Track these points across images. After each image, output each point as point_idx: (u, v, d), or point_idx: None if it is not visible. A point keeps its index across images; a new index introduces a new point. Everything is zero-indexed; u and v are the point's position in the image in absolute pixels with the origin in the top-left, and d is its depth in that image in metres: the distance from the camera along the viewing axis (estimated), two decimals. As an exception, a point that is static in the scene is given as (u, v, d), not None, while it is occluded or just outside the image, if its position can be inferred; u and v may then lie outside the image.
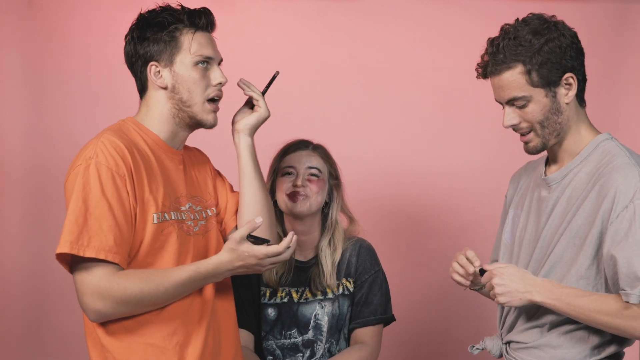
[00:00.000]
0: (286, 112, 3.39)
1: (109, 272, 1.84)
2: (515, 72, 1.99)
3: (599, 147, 2.03)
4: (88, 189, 1.85)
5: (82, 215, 1.83)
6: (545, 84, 1.99)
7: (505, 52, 1.99)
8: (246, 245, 1.92)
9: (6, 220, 3.42)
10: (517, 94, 2.00)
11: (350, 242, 2.52)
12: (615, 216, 1.90)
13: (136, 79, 2.05)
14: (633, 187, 1.90)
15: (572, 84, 2.02)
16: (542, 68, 1.98)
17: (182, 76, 1.99)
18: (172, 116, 2.02)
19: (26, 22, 3.39)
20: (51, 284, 3.41)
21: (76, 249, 1.81)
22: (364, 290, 2.48)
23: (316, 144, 2.52)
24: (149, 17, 2.01)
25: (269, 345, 2.46)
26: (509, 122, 2.04)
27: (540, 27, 2.00)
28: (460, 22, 3.45)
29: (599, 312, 1.91)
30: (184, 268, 1.92)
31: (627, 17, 3.42)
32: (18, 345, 3.44)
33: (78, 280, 1.85)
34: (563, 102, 2.02)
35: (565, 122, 2.03)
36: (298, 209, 2.41)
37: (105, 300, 1.83)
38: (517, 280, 1.97)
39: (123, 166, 1.88)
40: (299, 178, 2.42)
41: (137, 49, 2.00)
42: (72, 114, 3.42)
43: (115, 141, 1.90)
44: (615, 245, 1.89)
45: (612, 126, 2.07)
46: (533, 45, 1.98)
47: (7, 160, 3.43)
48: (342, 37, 3.45)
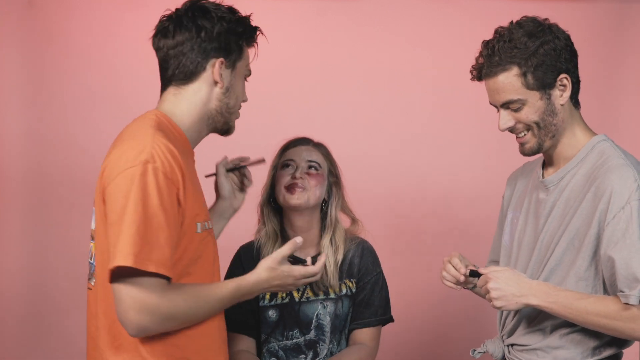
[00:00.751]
0: (286, 112, 3.40)
1: (160, 287, 1.72)
2: (511, 74, 1.99)
3: (595, 149, 2.02)
4: (147, 197, 1.71)
5: (142, 225, 1.69)
6: (541, 86, 1.99)
7: (500, 54, 1.99)
8: (286, 266, 1.93)
9: (6, 220, 3.43)
10: (512, 96, 2.00)
11: (353, 243, 2.51)
12: (611, 217, 1.90)
13: (181, 61, 1.89)
14: (629, 188, 1.89)
15: (567, 85, 2.01)
16: (537, 70, 1.98)
17: (236, 83, 1.95)
18: (209, 116, 1.92)
19: (26, 22, 3.40)
20: (51, 284, 3.42)
21: (139, 263, 1.68)
22: (366, 292, 2.48)
23: (317, 142, 2.53)
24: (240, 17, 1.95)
25: (272, 347, 2.45)
26: (505, 125, 2.04)
27: (535, 30, 2.00)
28: (460, 22, 3.45)
29: (597, 314, 1.91)
30: (226, 285, 1.87)
31: (627, 17, 3.42)
32: (18, 346, 3.44)
33: (125, 294, 1.70)
34: (558, 104, 2.02)
35: (560, 123, 2.03)
36: (295, 200, 2.40)
37: (153, 316, 1.72)
38: (512, 284, 1.96)
39: (177, 173, 1.77)
40: (298, 170, 2.42)
41: (220, 37, 1.89)
42: (71, 113, 3.42)
43: (169, 145, 1.78)
44: (613, 246, 1.89)
45: (612, 126, 2.07)
46: (528, 47, 1.98)
47: (7, 160, 3.43)
48: (342, 37, 3.45)
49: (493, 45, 2.01)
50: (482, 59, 2.04)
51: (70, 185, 3.39)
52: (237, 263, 2.50)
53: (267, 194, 2.49)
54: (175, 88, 1.91)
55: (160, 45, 1.91)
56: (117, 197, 1.72)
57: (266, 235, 2.47)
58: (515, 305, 1.96)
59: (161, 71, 1.93)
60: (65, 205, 3.41)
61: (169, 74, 1.90)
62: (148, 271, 1.69)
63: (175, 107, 1.90)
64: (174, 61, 1.89)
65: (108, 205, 1.75)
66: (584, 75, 2.10)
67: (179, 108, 1.90)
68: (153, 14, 3.60)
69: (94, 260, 1.88)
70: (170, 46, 1.89)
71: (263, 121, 3.18)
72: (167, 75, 1.91)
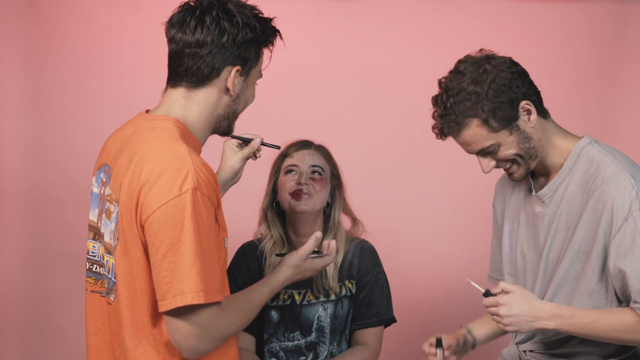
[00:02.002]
0: (286, 112, 3.39)
1: (216, 311, 1.70)
2: (473, 126, 1.96)
3: (582, 156, 2.00)
4: (200, 226, 1.66)
5: (201, 257, 1.66)
6: (506, 124, 1.96)
7: (455, 112, 1.96)
8: (309, 261, 1.98)
9: (6, 220, 3.42)
10: (483, 145, 1.98)
11: (353, 243, 2.51)
12: (617, 230, 1.88)
13: (196, 63, 1.80)
14: (628, 197, 1.88)
15: (530, 108, 1.98)
16: (496, 112, 1.94)
17: (248, 89, 1.89)
18: (216, 120, 1.86)
19: (26, 22, 3.39)
20: (51, 284, 3.42)
21: (208, 297, 1.66)
22: (366, 292, 2.47)
23: (318, 144, 2.53)
24: (264, 22, 1.85)
25: (273, 347, 2.46)
26: (488, 168, 2.02)
27: (477, 74, 1.96)
28: (460, 22, 3.45)
29: (616, 330, 1.90)
30: (261, 290, 1.89)
31: (627, 17, 3.42)
32: (18, 346, 3.44)
33: (185, 324, 1.68)
34: (528, 129, 1.99)
35: (538, 144, 2.01)
36: (302, 207, 2.40)
37: (212, 340, 1.72)
38: (526, 309, 1.92)
39: (215, 196, 1.72)
40: (302, 176, 2.42)
41: (242, 45, 1.80)
42: (71, 113, 3.42)
43: (205, 163, 1.73)
44: (622, 258, 1.88)
45: (612, 126, 2.06)
46: (479, 94, 1.94)
47: (7, 160, 3.43)
48: (342, 37, 3.45)
49: (444, 103, 1.98)
50: (439, 120, 2.01)
51: (70, 185, 3.39)
52: (240, 258, 2.50)
53: (269, 198, 2.49)
54: (186, 90, 1.83)
55: (176, 38, 1.81)
56: (167, 227, 1.66)
57: (272, 240, 2.47)
58: (529, 329, 1.94)
59: (171, 64, 1.85)
60: (65, 205, 3.40)
61: (180, 71, 1.82)
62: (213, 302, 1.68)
63: (187, 113, 1.83)
64: (189, 61, 1.80)
65: (154, 233, 1.67)
66: (584, 75, 2.10)
67: (191, 114, 1.83)
68: (153, 14, 3.60)
69: (112, 274, 1.82)
70: (186, 43, 1.79)
71: (262, 121, 3.17)
72: (177, 70, 1.82)
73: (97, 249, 1.91)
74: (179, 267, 1.65)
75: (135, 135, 1.82)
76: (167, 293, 1.67)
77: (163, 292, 1.67)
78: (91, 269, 1.93)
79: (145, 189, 1.69)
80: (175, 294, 1.66)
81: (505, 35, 3.42)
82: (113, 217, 1.80)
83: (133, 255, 1.74)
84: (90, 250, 1.94)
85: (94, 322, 1.92)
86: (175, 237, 1.65)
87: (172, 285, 1.66)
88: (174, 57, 1.83)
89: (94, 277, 1.93)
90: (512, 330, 1.96)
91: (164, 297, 1.67)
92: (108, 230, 1.83)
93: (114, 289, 1.83)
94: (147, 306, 1.75)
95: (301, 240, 2.47)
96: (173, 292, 1.66)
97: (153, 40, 3.41)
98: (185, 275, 1.65)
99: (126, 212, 1.73)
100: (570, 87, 3.37)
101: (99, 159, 1.94)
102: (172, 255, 1.66)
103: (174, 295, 1.66)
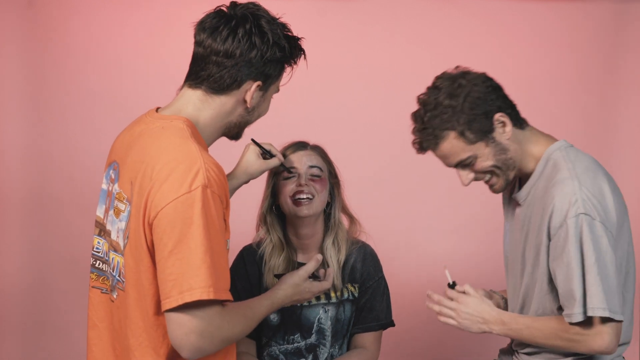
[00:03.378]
0: (286, 112, 3.37)
1: (220, 310, 1.71)
2: (450, 139, 2.01)
3: (550, 160, 2.04)
4: (210, 224, 1.67)
5: (211, 254, 1.66)
6: (482, 136, 2.01)
7: (432, 125, 2.01)
8: (308, 282, 2.02)
9: (6, 220, 3.42)
10: (461, 157, 2.03)
11: (355, 246, 2.51)
12: (554, 233, 1.94)
13: (220, 72, 1.80)
14: (567, 203, 1.92)
15: (505, 120, 2.02)
16: (472, 124, 1.99)
17: (264, 103, 1.91)
18: (227, 127, 1.88)
19: (26, 22, 3.39)
20: (51, 284, 3.41)
21: (217, 294, 1.66)
22: (368, 296, 2.47)
23: (313, 144, 2.52)
24: (292, 42, 1.87)
25: (272, 350, 2.45)
26: (467, 181, 2.08)
27: (452, 89, 2.01)
28: (460, 22, 3.45)
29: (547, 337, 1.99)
30: (262, 303, 1.91)
31: (627, 17, 3.42)
32: (18, 346, 3.44)
33: (188, 319, 1.67)
34: (504, 140, 2.03)
35: (514, 154, 2.05)
36: (304, 212, 2.39)
37: (213, 339, 1.70)
38: (479, 310, 2.06)
39: (225, 196, 1.74)
40: (302, 177, 2.41)
41: (268, 64, 1.82)
42: (71, 113, 3.42)
43: (218, 165, 1.74)
44: (553, 261, 1.95)
45: (612, 126, 2.06)
46: (455, 108, 1.99)
47: (7, 160, 3.43)
48: (342, 37, 3.45)
49: (422, 117, 2.04)
50: (417, 134, 2.07)
51: (71, 185, 3.39)
52: (240, 264, 2.50)
53: (268, 202, 2.48)
54: (204, 94, 1.83)
55: (205, 43, 1.81)
56: (175, 223, 1.66)
57: (271, 244, 2.47)
58: (478, 330, 2.06)
59: (194, 65, 1.84)
60: (65, 204, 3.40)
61: (202, 75, 1.82)
62: (220, 299, 1.68)
63: (199, 114, 1.83)
64: (213, 68, 1.80)
65: (162, 230, 1.67)
66: (584, 75, 2.10)
67: (203, 116, 1.84)
68: (153, 14, 3.62)
69: (117, 272, 1.82)
70: (214, 51, 1.79)
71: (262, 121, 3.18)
72: (200, 74, 1.82)
73: (102, 245, 1.91)
74: (188, 264, 1.65)
75: (145, 133, 1.82)
76: (172, 290, 1.66)
77: (168, 290, 1.67)
78: (94, 265, 1.93)
79: (155, 187, 1.70)
80: (182, 291, 1.65)
81: (505, 35, 3.42)
82: (123, 215, 1.80)
83: (138, 256, 1.74)
84: (95, 246, 1.94)
85: (92, 317, 1.92)
86: (183, 234, 1.65)
87: (179, 282, 1.66)
88: (198, 60, 1.83)
89: (96, 273, 1.93)
90: (463, 326, 2.07)
91: (169, 294, 1.67)
92: (116, 228, 1.83)
93: (118, 287, 1.82)
94: (151, 307, 1.75)
95: (302, 242, 2.47)
96: (179, 288, 1.65)
97: (153, 40, 3.44)
98: (195, 271, 1.65)
99: (135, 212, 1.74)
100: (570, 87, 3.37)
101: (109, 156, 1.94)
102: (179, 252, 1.66)
103: (181, 292, 1.65)
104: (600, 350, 1.93)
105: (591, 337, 1.91)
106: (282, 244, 2.46)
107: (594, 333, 1.91)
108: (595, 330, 1.91)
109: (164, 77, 3.31)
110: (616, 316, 1.89)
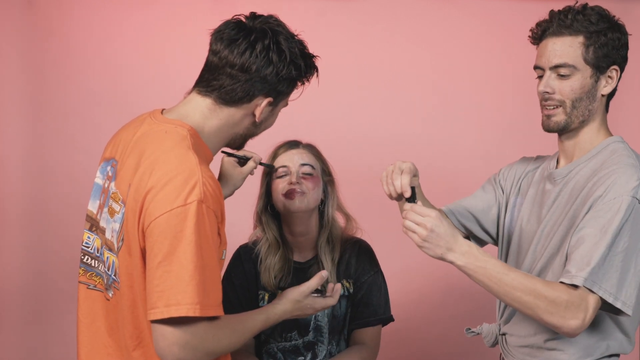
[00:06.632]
0: (285, 112, 3.38)
1: (206, 325, 1.69)
2: (576, 40, 2.01)
3: (608, 148, 2.04)
4: (202, 239, 1.65)
5: (201, 270, 1.64)
6: (595, 66, 2.02)
7: (573, 20, 2.02)
8: (310, 299, 1.99)
9: (6, 219, 3.43)
10: (568, 60, 2.01)
11: (349, 243, 2.51)
12: (602, 202, 1.88)
13: (233, 85, 1.79)
14: (628, 184, 1.89)
15: (614, 78, 2.05)
16: (599, 49, 2.01)
17: (272, 117, 1.91)
18: (232, 137, 1.87)
19: (26, 21, 3.40)
20: (51, 284, 3.42)
21: (204, 311, 1.65)
22: (364, 291, 2.47)
23: (306, 143, 2.52)
24: (308, 60, 1.86)
25: (270, 348, 2.46)
26: (545, 89, 2.04)
27: (607, 15, 2.05)
28: (460, 22, 3.46)
29: (522, 290, 1.84)
30: (257, 317, 1.88)
31: (627, 17, 3.41)
32: (18, 346, 3.44)
33: (170, 332, 1.66)
34: (599, 92, 2.04)
35: (593, 111, 2.05)
36: (297, 205, 2.39)
37: (196, 352, 1.68)
38: (449, 234, 1.88)
39: (219, 210, 1.72)
40: (294, 175, 2.42)
41: (282, 82, 1.82)
42: (71, 113, 3.42)
43: (215, 180, 1.72)
44: (590, 220, 1.88)
45: (612, 126, 2.06)
46: (599, 25, 2.01)
47: (7, 158, 3.43)
48: (342, 37, 3.45)
49: (567, 11, 2.04)
50: (551, 20, 2.06)
51: (70, 184, 3.39)
52: (237, 262, 2.50)
53: (263, 201, 2.49)
54: (213, 103, 1.81)
55: (221, 54, 1.78)
56: (166, 235, 1.65)
57: (267, 243, 2.47)
58: (437, 255, 1.89)
59: (206, 73, 1.82)
60: (64, 204, 3.40)
61: (214, 84, 1.80)
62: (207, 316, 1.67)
63: (205, 123, 1.82)
64: (227, 80, 1.79)
65: (154, 240, 1.67)
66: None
67: (209, 125, 1.82)
68: (153, 14, 3.61)
69: (112, 272, 1.81)
70: (230, 63, 1.78)
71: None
72: (211, 83, 1.80)
73: (92, 240, 1.90)
74: (177, 278, 1.64)
75: (146, 136, 1.81)
76: (157, 301, 1.66)
77: (154, 300, 1.66)
78: (82, 260, 1.92)
79: (151, 194, 1.68)
80: (169, 304, 1.64)
81: (505, 35, 3.42)
82: (118, 217, 1.79)
83: (132, 260, 1.74)
84: (85, 240, 1.93)
85: (78, 312, 1.91)
86: (174, 247, 1.65)
87: (166, 295, 1.65)
88: (212, 69, 1.81)
89: (83, 269, 1.92)
90: (424, 246, 1.90)
91: (155, 304, 1.66)
92: (110, 228, 1.82)
93: (113, 286, 1.82)
94: (145, 310, 1.74)
95: (297, 240, 2.47)
96: (166, 301, 1.65)
97: (153, 41, 3.44)
98: (183, 287, 1.64)
99: (131, 216, 1.73)
100: (570, 87, 3.38)
101: (107, 150, 1.92)
102: (168, 265, 1.65)
103: (167, 305, 1.65)
104: (570, 330, 1.83)
105: (572, 310, 1.81)
106: (278, 243, 2.47)
107: (580, 309, 1.82)
108: (583, 307, 1.82)
109: (164, 77, 3.33)
110: (625, 308, 1.84)
